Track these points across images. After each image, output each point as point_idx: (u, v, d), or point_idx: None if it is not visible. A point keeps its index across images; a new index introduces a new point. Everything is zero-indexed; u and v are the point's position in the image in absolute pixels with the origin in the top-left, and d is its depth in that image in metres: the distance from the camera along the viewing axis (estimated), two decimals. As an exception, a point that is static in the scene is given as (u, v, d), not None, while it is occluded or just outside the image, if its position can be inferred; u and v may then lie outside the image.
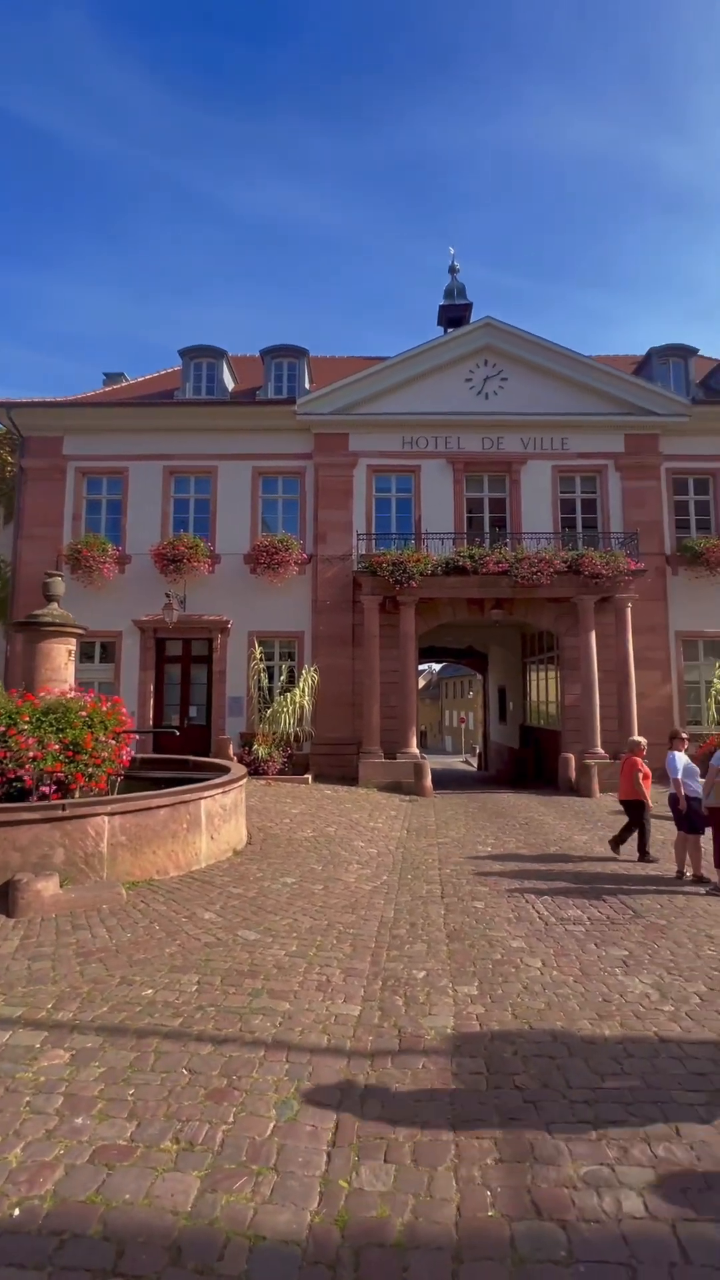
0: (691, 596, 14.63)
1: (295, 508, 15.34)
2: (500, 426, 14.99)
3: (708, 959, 4.42)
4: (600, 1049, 3.19)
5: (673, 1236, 2.02)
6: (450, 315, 18.37)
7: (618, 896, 5.90)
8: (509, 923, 5.16)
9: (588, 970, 4.20)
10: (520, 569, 12.93)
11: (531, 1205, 2.15)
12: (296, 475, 15.35)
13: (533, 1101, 2.75)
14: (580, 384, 15.05)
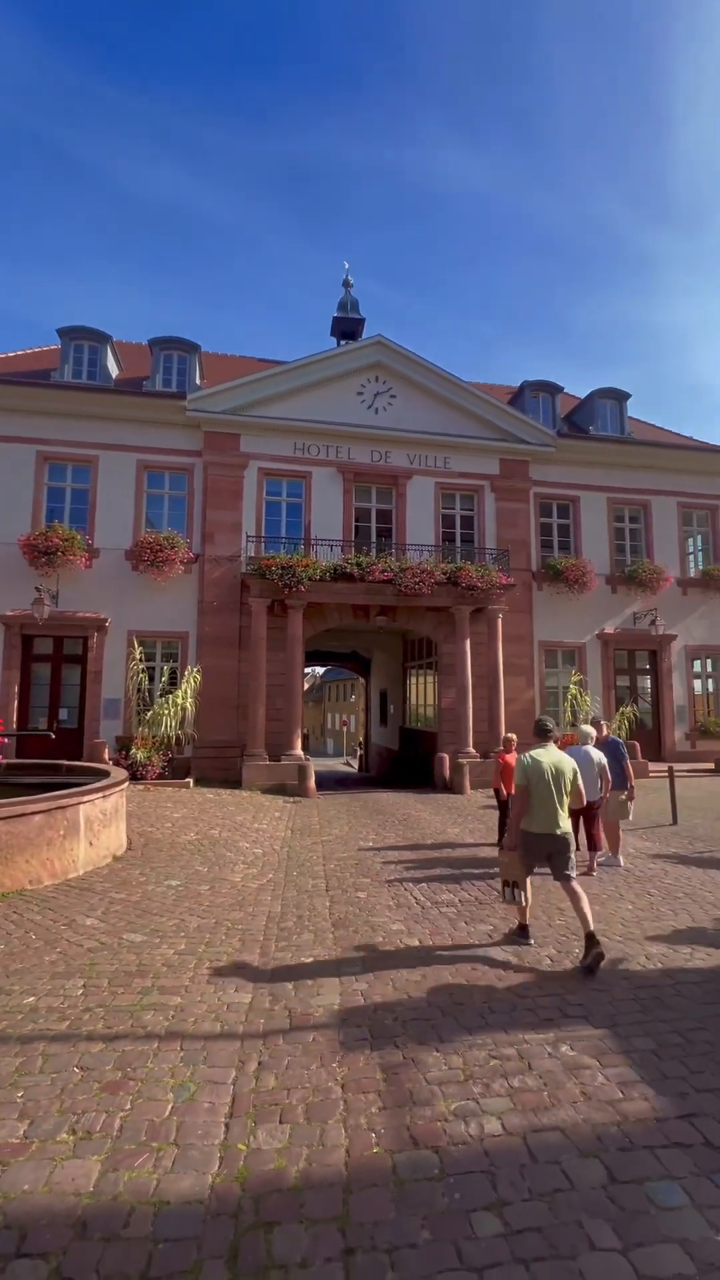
0: (553, 610, 16.21)
1: (182, 505, 14.98)
2: (389, 441, 15.69)
3: (558, 928, 5.06)
4: (469, 1008, 3.62)
5: (524, 1145, 2.42)
6: (343, 328, 18.88)
7: (485, 880, 6.50)
8: (389, 909, 5.54)
9: (459, 945, 4.66)
10: (404, 578, 13.62)
11: (410, 1139, 2.46)
12: (184, 472, 15.01)
13: (411, 1058, 3.08)
14: (462, 408, 16.16)
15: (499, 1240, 1.99)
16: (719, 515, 17.89)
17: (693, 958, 4.40)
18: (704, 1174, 2.29)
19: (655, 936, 4.84)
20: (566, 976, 4.07)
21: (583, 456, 16.97)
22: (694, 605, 17.20)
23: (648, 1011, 3.58)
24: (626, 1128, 2.55)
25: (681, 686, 16.94)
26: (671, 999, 3.75)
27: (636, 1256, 1.93)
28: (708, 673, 17.48)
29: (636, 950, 4.55)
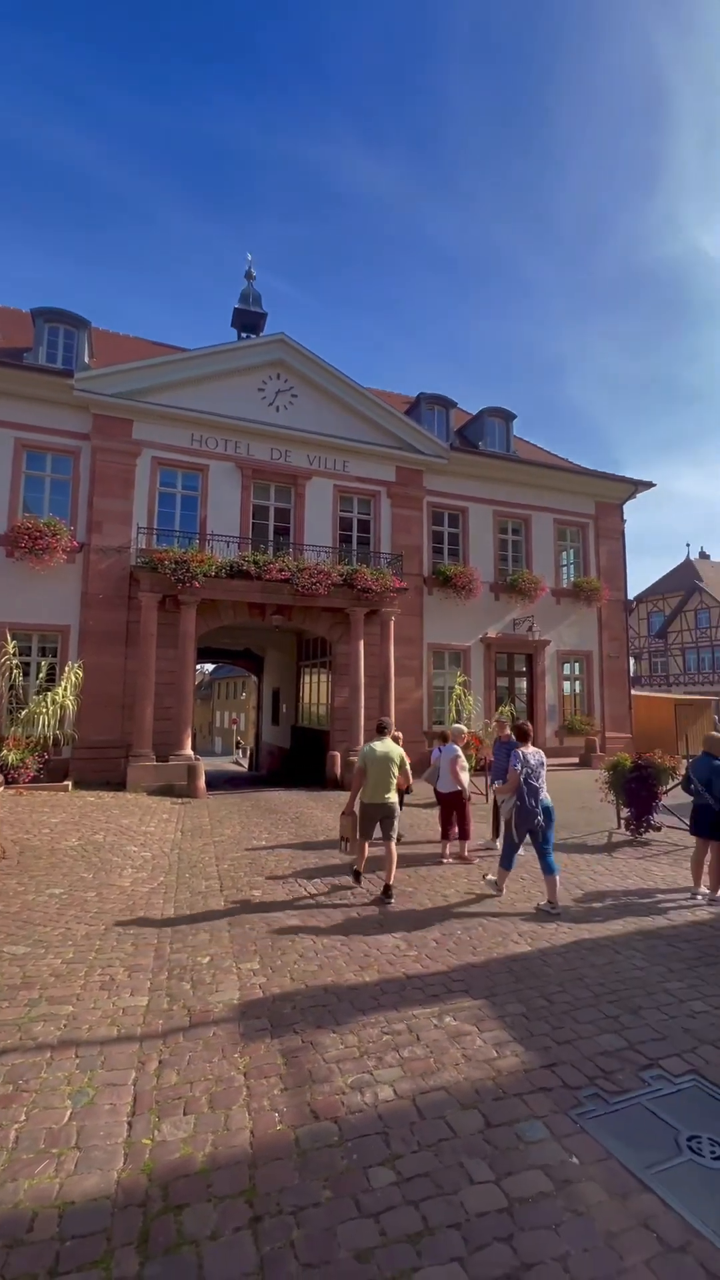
0: (441, 614, 17.08)
1: (66, 490, 14.07)
2: (289, 441, 15.73)
3: (441, 913, 5.47)
4: (363, 992, 3.86)
5: (413, 1106, 2.69)
6: (245, 320, 18.61)
7: (377, 873, 6.82)
8: (284, 905, 5.68)
9: (351, 934, 4.91)
10: (301, 578, 13.75)
11: (311, 1114, 2.65)
12: (69, 455, 14.10)
13: (310, 1041, 3.27)
14: (361, 414, 16.56)
15: (393, 1188, 2.23)
16: (589, 532, 19.75)
17: (556, 932, 4.97)
18: (561, 1110, 2.68)
19: (526, 914, 5.39)
20: (451, 956, 4.45)
21: (472, 470, 18.03)
22: (566, 613, 18.86)
23: (519, 980, 4.03)
24: (500, 1081, 2.90)
25: (553, 687, 18.53)
26: (539, 968, 4.23)
27: (507, 1184, 2.25)
28: (575, 675, 19.25)
29: (510, 928, 5.04)
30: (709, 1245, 2.01)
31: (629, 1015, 3.56)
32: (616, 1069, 3.02)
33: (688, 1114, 2.70)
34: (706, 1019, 3.53)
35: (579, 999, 3.76)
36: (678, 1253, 1.98)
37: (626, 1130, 2.58)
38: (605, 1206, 2.16)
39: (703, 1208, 2.17)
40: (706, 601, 39.69)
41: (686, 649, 41.06)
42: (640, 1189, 2.25)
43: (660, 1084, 2.91)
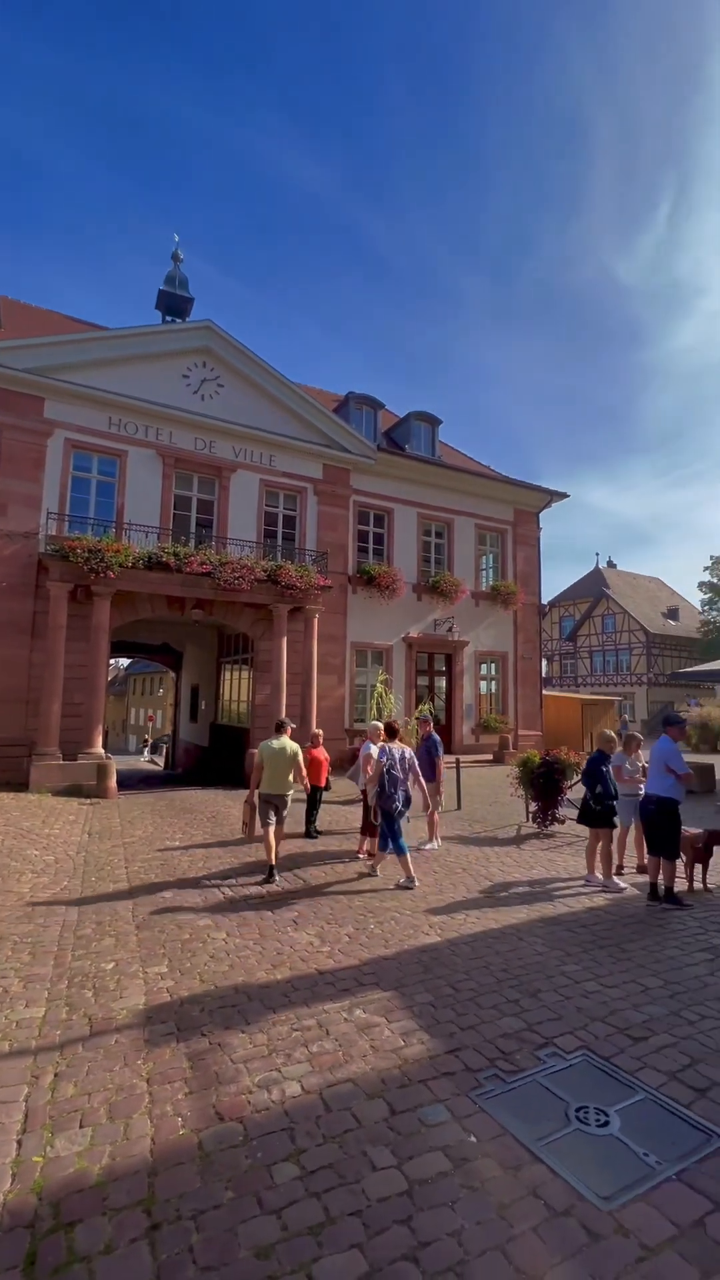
0: (365, 613, 17.24)
1: (-33, 468, 13.04)
2: (214, 431, 15.34)
3: (356, 908, 5.53)
4: (273, 990, 3.85)
5: (320, 1100, 2.71)
6: (170, 304, 17.96)
7: (293, 871, 6.81)
8: (196, 906, 5.56)
9: (264, 933, 4.87)
10: (224, 573, 13.46)
11: (216, 1116, 2.61)
12: (-28, 431, 13.08)
13: (218, 1043, 3.22)
14: (289, 409, 16.41)
15: (296, 1183, 2.24)
16: (507, 538, 20.56)
17: (465, 922, 5.15)
18: (462, 1093, 2.79)
19: (437, 908, 5.55)
20: (364, 950, 4.51)
21: (398, 472, 18.30)
22: (484, 615, 19.55)
23: (428, 970, 4.15)
24: (406, 1069, 2.98)
25: (470, 687, 19.16)
26: (447, 958, 4.38)
27: (408, 1167, 2.32)
28: (492, 675, 20.00)
29: (421, 921, 5.18)
30: (590, 1207, 2.15)
31: (528, 998, 3.75)
32: (515, 1050, 3.17)
33: (578, 1087, 2.88)
34: (598, 998, 3.78)
35: (483, 985, 3.92)
36: (562, 1216, 2.11)
37: (522, 1107, 2.72)
38: (499, 1180, 2.26)
39: (586, 1172, 2.32)
40: (613, 608, 42.36)
41: (594, 652, 43.65)
42: (532, 1160, 2.37)
43: (554, 1061, 3.08)
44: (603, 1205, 2.16)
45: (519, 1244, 2.00)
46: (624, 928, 5.08)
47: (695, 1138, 2.54)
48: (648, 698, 39.00)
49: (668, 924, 5.19)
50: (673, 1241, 2.01)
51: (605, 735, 6.73)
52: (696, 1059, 3.11)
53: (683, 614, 44.57)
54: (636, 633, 40.61)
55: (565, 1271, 1.90)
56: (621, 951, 4.54)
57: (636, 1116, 2.67)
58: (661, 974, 4.14)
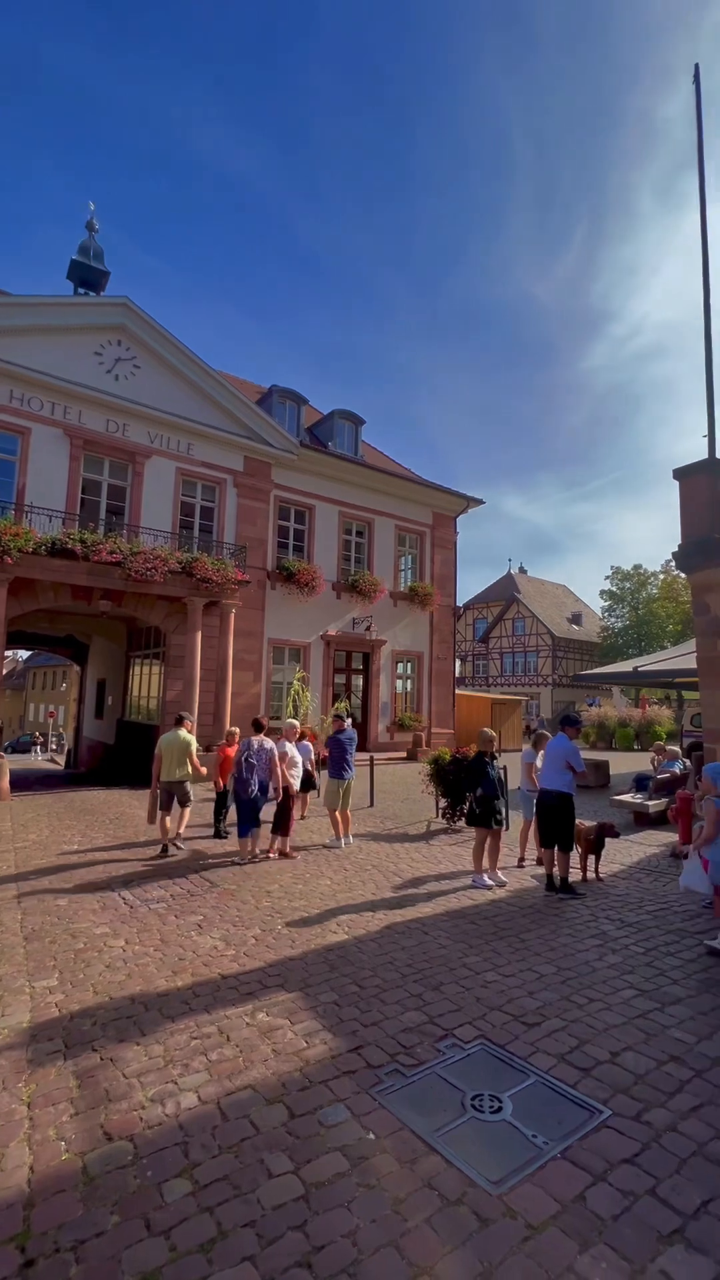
0: (284, 609, 17.06)
1: None
2: (128, 413, 14.63)
3: (264, 909, 5.45)
4: (174, 997, 3.70)
5: (217, 1109, 2.63)
6: (83, 275, 16.92)
7: (199, 873, 6.61)
8: (94, 913, 5.27)
9: (167, 939, 4.69)
10: (135, 563, 12.86)
11: (104, 1136, 2.47)
12: None
13: (110, 1057, 3.05)
14: (210, 397, 15.93)
15: (188, 1199, 2.15)
16: (426, 541, 21.02)
17: (373, 919, 5.20)
18: (363, 1090, 2.80)
19: (346, 905, 5.57)
20: (270, 952, 4.44)
21: (321, 469, 18.24)
22: (401, 615, 19.89)
23: (334, 969, 4.14)
24: (307, 1070, 2.95)
25: (387, 685, 19.43)
26: (354, 956, 4.39)
27: (305, 1171, 2.29)
28: (408, 674, 20.39)
29: (330, 919, 5.17)
30: (481, 1192, 2.22)
31: (431, 992, 3.84)
32: (416, 1044, 3.23)
33: (474, 1076, 2.97)
34: (497, 987, 3.92)
35: (388, 981, 3.97)
36: (454, 1205, 2.16)
37: (421, 1099, 2.76)
38: (395, 1175, 2.29)
39: (478, 1159, 2.39)
40: (523, 612, 44.42)
41: (505, 653, 45.60)
42: (428, 1152, 2.42)
43: (453, 1052, 3.16)
44: (493, 1190, 2.23)
45: (412, 1237, 2.02)
46: (523, 918, 5.31)
47: (580, 1115, 2.68)
48: (552, 698, 41.23)
49: (563, 913, 5.48)
50: (555, 1218, 2.11)
51: (485, 735, 6.70)
52: (584, 1040, 3.29)
53: (585, 620, 47.49)
54: (543, 636, 42.82)
55: (455, 1259, 1.94)
56: (520, 941, 4.74)
57: (528, 1100, 2.78)
58: (555, 961, 4.36)
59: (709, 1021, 3.50)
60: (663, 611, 40.69)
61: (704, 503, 7.55)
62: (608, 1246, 2.00)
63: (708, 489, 7.56)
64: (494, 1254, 1.96)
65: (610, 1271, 1.91)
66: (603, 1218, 2.11)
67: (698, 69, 8.55)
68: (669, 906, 5.67)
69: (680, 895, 5.99)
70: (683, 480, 7.89)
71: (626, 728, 24.71)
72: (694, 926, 5.13)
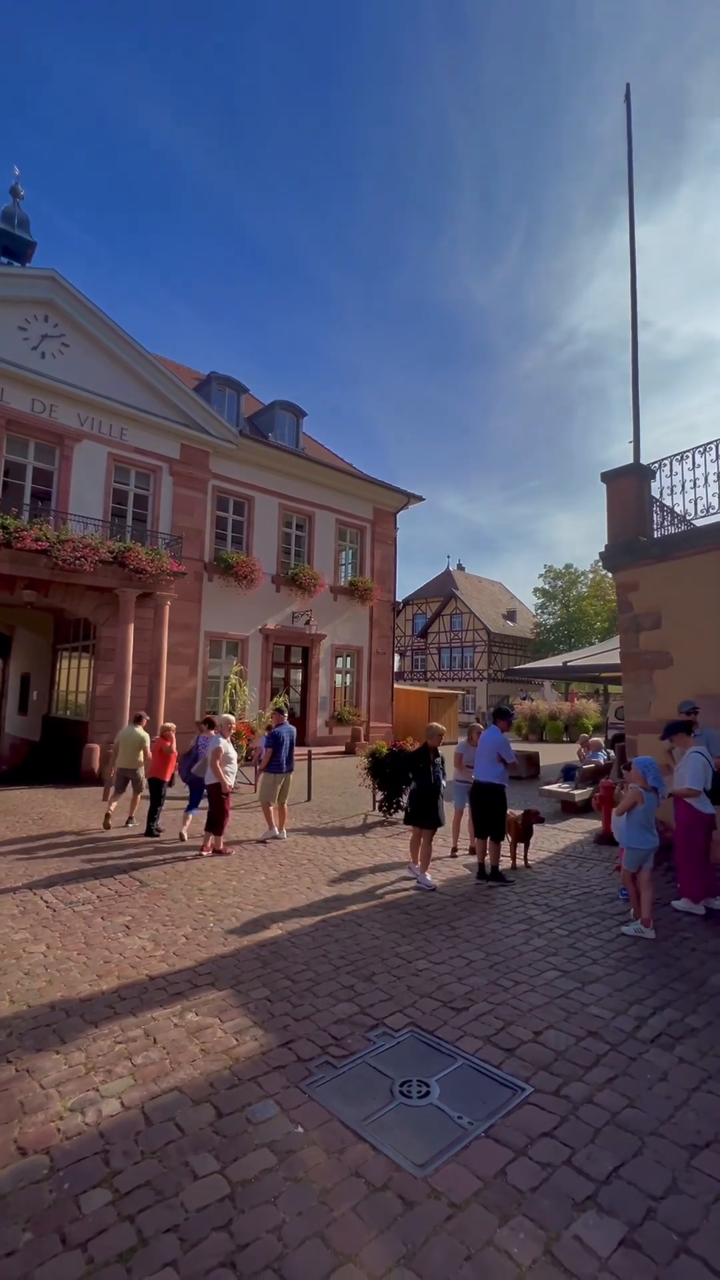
0: (221, 602, 16.72)
1: None
2: (56, 394, 13.90)
3: (196, 907, 5.34)
4: (97, 1002, 3.57)
5: (141, 1115, 2.56)
6: (7, 243, 15.93)
7: (128, 873, 6.40)
8: (12, 919, 5.01)
9: (92, 942, 4.52)
10: (63, 551, 12.27)
11: (17, 1152, 2.35)
12: None
13: (26, 1068, 2.91)
14: (145, 381, 15.36)
15: (108, 1209, 2.08)
16: (367, 535, 21.10)
17: (307, 913, 5.19)
18: (293, 1084, 2.79)
19: (280, 900, 5.53)
20: (200, 950, 4.36)
21: (261, 460, 17.96)
22: (341, 610, 19.91)
23: (266, 965, 4.11)
24: (236, 1068, 2.91)
25: (326, 680, 19.42)
26: (287, 950, 4.37)
27: (231, 1170, 2.26)
28: (347, 669, 20.45)
29: (264, 915, 5.13)
30: (406, 1176, 2.26)
31: (363, 982, 3.87)
32: (347, 1034, 3.25)
33: (404, 1063, 3.01)
34: (427, 975, 4.00)
35: (321, 974, 3.97)
36: (380, 1191, 2.19)
37: (350, 1089, 2.78)
38: (322, 1167, 2.29)
39: (405, 1144, 2.43)
40: (460, 608, 45.43)
41: (443, 648, 46.51)
42: (355, 1141, 2.44)
43: (383, 1040, 3.20)
44: (418, 1173, 2.27)
45: (338, 1226, 2.04)
46: (454, 906, 5.44)
47: (503, 1095, 2.77)
48: (487, 691, 42.41)
49: (493, 900, 5.65)
50: (477, 1195, 2.17)
51: (433, 729, 6.53)
52: (509, 1022, 3.40)
53: (519, 616, 49.09)
54: (480, 631, 43.95)
55: (380, 1244, 1.97)
56: (450, 929, 4.86)
57: (454, 1083, 2.85)
58: (484, 947, 4.49)
59: (625, 997, 3.70)
60: (591, 609, 42.58)
61: (629, 505, 7.94)
62: (526, 1217, 2.08)
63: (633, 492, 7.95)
64: (417, 1235, 2.00)
65: (527, 1241, 1.99)
66: (522, 1190, 2.19)
67: (629, 89, 8.92)
68: (591, 891, 5.95)
69: (601, 879, 6.30)
70: (610, 484, 8.26)
71: (556, 720, 25.73)
72: (613, 909, 5.40)
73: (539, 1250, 1.96)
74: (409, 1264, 1.90)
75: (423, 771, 6.31)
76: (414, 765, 6.44)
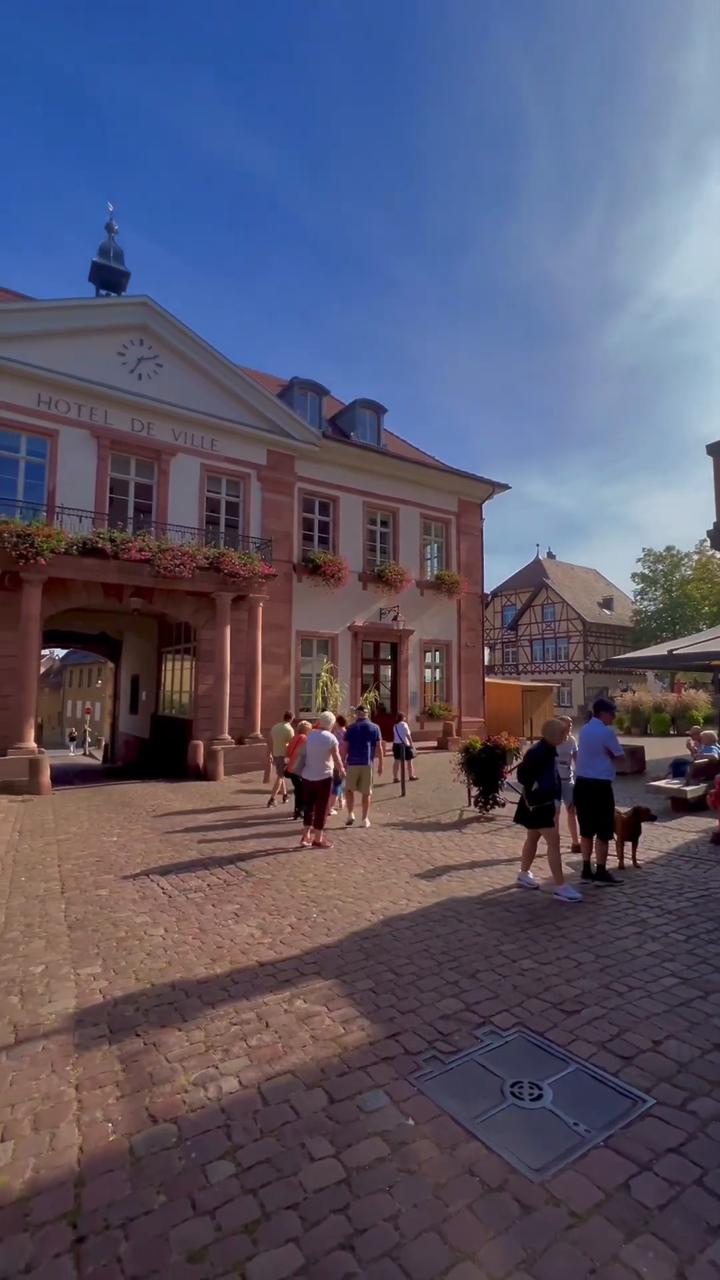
0: (310, 601, 17.12)
1: None
2: (152, 412, 14.79)
3: (299, 897, 5.50)
4: (213, 984, 3.77)
5: (258, 1094, 2.67)
6: (105, 277, 17.13)
7: (235, 864, 6.70)
8: (134, 903, 5.39)
9: (205, 927, 4.77)
10: (163, 559, 13.04)
11: (149, 1119, 2.52)
12: None
13: (153, 1042, 3.12)
14: (232, 392, 15.99)
15: (231, 1181, 2.19)
16: (451, 528, 20.82)
17: (407, 907, 5.20)
18: (402, 1077, 2.81)
19: (380, 894, 5.58)
20: (305, 940, 4.48)
21: (344, 460, 18.18)
22: (428, 604, 19.77)
23: (369, 957, 4.16)
24: (346, 1057, 2.97)
25: (415, 675, 19.38)
26: (389, 943, 4.40)
27: (346, 1156, 2.31)
28: (436, 663, 20.29)
29: (364, 907, 5.19)
30: (523, 1179, 2.20)
31: (467, 979, 3.82)
32: (453, 1030, 3.22)
33: (513, 1063, 2.95)
34: (533, 975, 3.89)
35: (423, 969, 3.97)
36: (496, 1191, 2.15)
37: (459, 1086, 2.76)
38: (435, 1161, 2.29)
39: (519, 1146, 2.38)
40: (552, 598, 43.77)
41: (534, 640, 45.04)
42: (467, 1139, 2.41)
43: (491, 1039, 3.15)
44: (535, 1177, 2.21)
45: (454, 1222, 2.02)
46: (559, 906, 5.25)
47: (622, 1104, 2.64)
48: (584, 684, 40.60)
49: (600, 900, 5.40)
50: (600, 1206, 2.09)
51: (555, 725, 6.03)
52: (624, 1028, 3.24)
53: (616, 604, 46.54)
54: (574, 621, 42.12)
55: (498, 1245, 1.94)
56: (556, 929, 4.69)
57: (568, 1088, 2.75)
58: (593, 949, 4.30)
59: (755, 1010, 3.41)
60: (697, 593, 39.63)
61: (740, 478, 7.29)
62: (654, 1236, 1.97)
63: (744, 463, 7.30)
64: (537, 1241, 1.95)
65: (657, 1261, 1.88)
66: (649, 1207, 2.08)
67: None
68: (711, 894, 5.54)
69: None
70: (717, 456, 7.63)
71: (662, 713, 24.17)
72: (737, 914, 5.00)
73: (670, 1272, 1.85)
74: (529, 1270, 1.86)
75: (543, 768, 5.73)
76: (535, 763, 5.75)
